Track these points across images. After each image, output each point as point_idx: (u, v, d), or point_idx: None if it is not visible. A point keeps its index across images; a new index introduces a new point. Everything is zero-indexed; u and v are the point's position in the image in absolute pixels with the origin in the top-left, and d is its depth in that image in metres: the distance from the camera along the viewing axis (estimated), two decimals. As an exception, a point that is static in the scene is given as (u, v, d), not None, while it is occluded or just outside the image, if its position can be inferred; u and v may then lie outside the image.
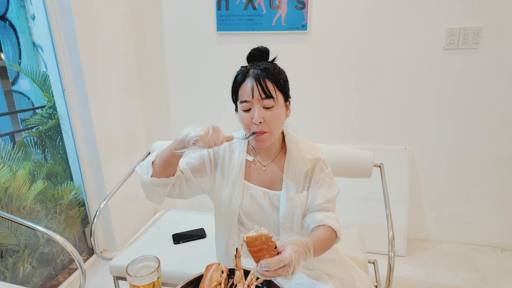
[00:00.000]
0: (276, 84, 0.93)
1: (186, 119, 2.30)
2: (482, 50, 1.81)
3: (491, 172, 1.99)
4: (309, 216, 1.00)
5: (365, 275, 1.11)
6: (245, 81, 0.93)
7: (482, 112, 1.91)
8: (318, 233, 0.93)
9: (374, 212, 2.02)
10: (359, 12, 1.89)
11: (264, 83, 0.91)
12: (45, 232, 1.16)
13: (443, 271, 1.91)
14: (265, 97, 0.91)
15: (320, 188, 1.01)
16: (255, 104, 0.92)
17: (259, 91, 0.91)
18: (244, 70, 0.95)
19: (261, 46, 0.98)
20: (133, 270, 0.83)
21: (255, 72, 0.93)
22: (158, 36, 2.15)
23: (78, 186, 1.97)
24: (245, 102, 0.93)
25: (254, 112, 0.92)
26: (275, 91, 0.93)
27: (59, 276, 1.87)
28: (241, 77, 0.95)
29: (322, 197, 1.00)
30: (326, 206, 1.00)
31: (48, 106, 1.82)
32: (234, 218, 1.05)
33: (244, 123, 0.96)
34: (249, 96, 0.92)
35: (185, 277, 0.83)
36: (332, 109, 2.09)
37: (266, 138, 0.95)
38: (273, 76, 0.93)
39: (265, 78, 0.92)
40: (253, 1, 1.96)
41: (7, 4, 1.69)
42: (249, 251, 0.73)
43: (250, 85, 0.92)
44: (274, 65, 0.97)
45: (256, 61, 0.97)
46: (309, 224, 0.99)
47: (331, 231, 0.94)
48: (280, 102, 0.94)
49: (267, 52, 0.98)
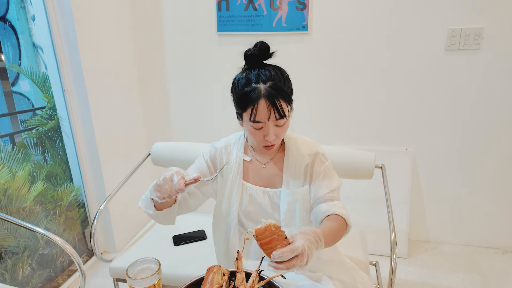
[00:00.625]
0: (287, 100, 0.90)
1: (186, 120, 2.29)
2: (483, 51, 1.80)
3: (492, 173, 1.99)
4: (315, 209, 0.99)
5: (366, 277, 1.10)
6: (259, 102, 0.87)
7: (484, 113, 1.90)
8: (327, 223, 0.92)
9: (375, 213, 2.01)
10: (360, 12, 1.88)
11: (279, 105, 0.87)
12: (44, 234, 1.15)
13: (444, 273, 1.90)
14: (279, 118, 0.89)
15: (322, 180, 1.01)
16: (269, 123, 0.90)
17: (275, 114, 0.87)
18: (255, 88, 0.87)
19: (260, 42, 0.92)
20: (134, 273, 0.82)
21: (268, 90, 0.87)
22: (158, 37, 2.15)
23: (78, 188, 1.96)
24: (257, 122, 0.89)
25: (268, 130, 0.90)
26: (287, 108, 0.91)
27: (58, 277, 1.86)
28: (254, 95, 0.87)
29: (325, 188, 0.99)
30: (331, 195, 0.99)
31: (48, 107, 1.81)
32: (234, 219, 1.04)
33: (255, 139, 0.95)
34: (264, 117, 0.88)
35: (186, 279, 0.82)
36: (332, 110, 2.09)
37: (275, 147, 0.98)
38: (284, 93, 0.89)
39: (279, 98, 0.87)
40: (254, 2, 1.96)
41: (7, 5, 1.69)
42: (259, 246, 0.71)
43: (266, 108, 0.87)
44: (280, 73, 0.92)
45: (255, 61, 0.93)
46: (317, 217, 0.98)
47: (340, 219, 0.93)
48: (288, 115, 0.93)
49: (268, 48, 0.93)
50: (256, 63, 0.93)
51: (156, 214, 0.93)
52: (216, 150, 1.07)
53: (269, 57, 0.95)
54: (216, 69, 2.14)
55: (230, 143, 1.08)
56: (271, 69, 0.92)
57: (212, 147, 1.09)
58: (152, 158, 1.58)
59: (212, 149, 1.08)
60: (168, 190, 0.80)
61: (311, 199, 1.02)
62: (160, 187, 0.81)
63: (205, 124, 2.27)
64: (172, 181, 0.80)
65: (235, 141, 1.08)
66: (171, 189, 0.80)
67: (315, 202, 1.01)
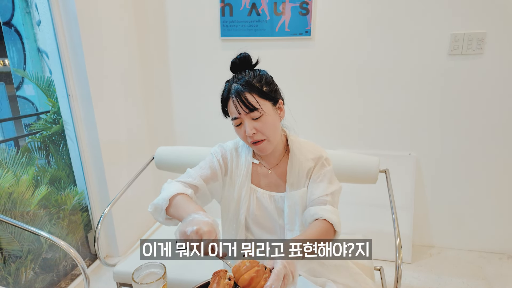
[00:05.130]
0: (258, 93, 0.93)
1: (189, 125, 2.30)
2: (486, 56, 1.81)
3: (496, 178, 1.98)
4: (305, 212, 0.98)
5: (371, 282, 1.09)
6: (229, 99, 0.95)
7: (486, 117, 1.90)
8: (309, 228, 0.91)
9: (378, 218, 2.01)
10: (363, 17, 1.89)
11: (244, 98, 0.92)
12: (49, 238, 1.15)
13: (449, 278, 1.88)
14: (248, 111, 0.92)
15: (319, 183, 1.00)
16: (244, 118, 0.94)
17: (242, 107, 0.92)
18: (228, 86, 0.96)
19: (241, 53, 0.98)
20: (139, 277, 0.82)
21: (235, 87, 0.94)
22: (162, 42, 2.16)
23: (82, 192, 1.96)
24: (235, 118, 0.95)
25: (245, 125, 0.94)
26: (258, 101, 0.93)
27: (61, 282, 1.86)
28: (225, 94, 0.96)
29: (320, 191, 0.98)
30: (324, 199, 0.97)
31: (53, 112, 1.82)
32: (241, 223, 1.04)
33: (240, 137, 1.00)
34: (235, 113, 0.94)
35: (191, 283, 0.82)
36: (336, 114, 2.09)
37: (265, 145, 0.97)
38: (253, 87, 0.93)
39: (244, 93, 0.92)
40: (257, 7, 1.97)
41: (12, 10, 1.71)
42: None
43: (233, 103, 0.93)
44: (254, 72, 0.97)
45: (239, 70, 0.98)
46: (305, 220, 0.97)
47: (327, 224, 0.90)
48: (268, 109, 0.94)
49: (249, 59, 0.98)
50: (239, 72, 0.99)
51: (166, 222, 0.93)
52: (226, 151, 1.08)
53: (253, 66, 1.00)
54: (220, 74, 2.12)
55: (238, 146, 1.09)
56: (249, 72, 0.97)
57: (222, 147, 1.09)
58: (156, 162, 1.58)
59: (222, 149, 1.09)
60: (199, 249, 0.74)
61: (306, 200, 1.01)
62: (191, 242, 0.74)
63: (209, 128, 2.27)
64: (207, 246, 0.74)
65: (243, 144, 1.09)
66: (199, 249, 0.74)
67: (308, 204, 1.00)
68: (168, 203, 0.89)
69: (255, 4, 1.96)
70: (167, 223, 0.94)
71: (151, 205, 0.93)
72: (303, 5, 1.91)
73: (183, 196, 0.91)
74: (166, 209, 0.90)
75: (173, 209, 0.89)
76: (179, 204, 0.89)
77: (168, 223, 0.94)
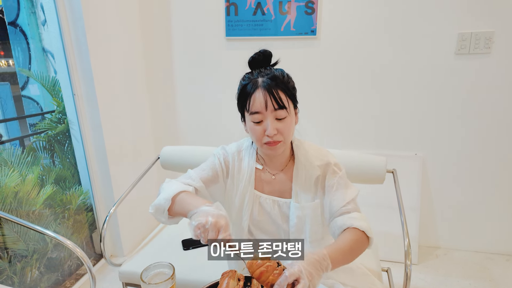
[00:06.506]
0: (287, 92, 0.90)
1: (195, 124, 2.29)
2: (494, 55, 1.79)
3: (503, 178, 1.96)
4: (331, 224, 0.96)
5: (380, 284, 1.08)
6: (256, 92, 0.88)
7: (494, 117, 1.88)
8: (339, 239, 0.89)
9: (384, 219, 1.99)
10: (369, 16, 1.88)
11: (277, 94, 0.87)
12: (55, 238, 1.15)
13: (456, 280, 1.87)
14: (278, 108, 0.88)
15: (336, 192, 0.97)
16: (268, 116, 0.89)
17: (273, 102, 0.87)
18: (252, 79, 0.90)
19: (263, 49, 0.94)
20: (147, 277, 0.81)
21: (265, 81, 0.88)
22: (167, 42, 2.16)
23: (86, 191, 1.96)
24: (256, 113, 0.89)
25: (267, 124, 0.89)
26: (287, 100, 0.90)
27: (66, 281, 1.86)
28: (250, 87, 0.89)
29: (340, 201, 0.96)
30: (346, 208, 0.95)
31: (58, 111, 1.82)
32: (244, 228, 1.02)
33: (255, 135, 0.92)
34: (262, 108, 0.88)
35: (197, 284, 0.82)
36: (341, 114, 2.08)
37: (280, 146, 0.93)
38: (284, 85, 0.90)
39: (277, 88, 0.88)
40: (262, 7, 1.96)
41: (18, 10, 1.71)
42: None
43: (262, 96, 0.87)
44: (282, 71, 0.93)
45: (259, 67, 0.94)
46: (334, 232, 0.95)
47: (358, 232, 0.89)
48: (291, 111, 0.92)
49: (271, 56, 0.95)
50: (257, 68, 0.95)
51: (167, 222, 0.92)
52: (228, 154, 1.05)
53: (273, 65, 0.96)
54: (225, 74, 2.14)
55: (241, 149, 1.06)
56: (274, 69, 0.93)
57: (224, 150, 1.06)
58: (161, 161, 1.57)
59: (224, 152, 1.06)
60: (211, 236, 0.74)
61: (327, 213, 0.98)
62: (205, 232, 0.74)
63: (214, 128, 2.27)
64: (219, 232, 0.74)
65: (246, 147, 1.06)
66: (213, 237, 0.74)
67: (331, 217, 0.97)
68: (171, 202, 0.88)
69: (260, 3, 1.96)
70: (170, 222, 0.92)
71: (151, 206, 0.91)
72: (308, 4, 1.90)
73: (186, 192, 0.90)
74: (169, 209, 0.88)
75: (177, 206, 0.87)
76: (183, 200, 0.87)
77: (170, 222, 0.92)
